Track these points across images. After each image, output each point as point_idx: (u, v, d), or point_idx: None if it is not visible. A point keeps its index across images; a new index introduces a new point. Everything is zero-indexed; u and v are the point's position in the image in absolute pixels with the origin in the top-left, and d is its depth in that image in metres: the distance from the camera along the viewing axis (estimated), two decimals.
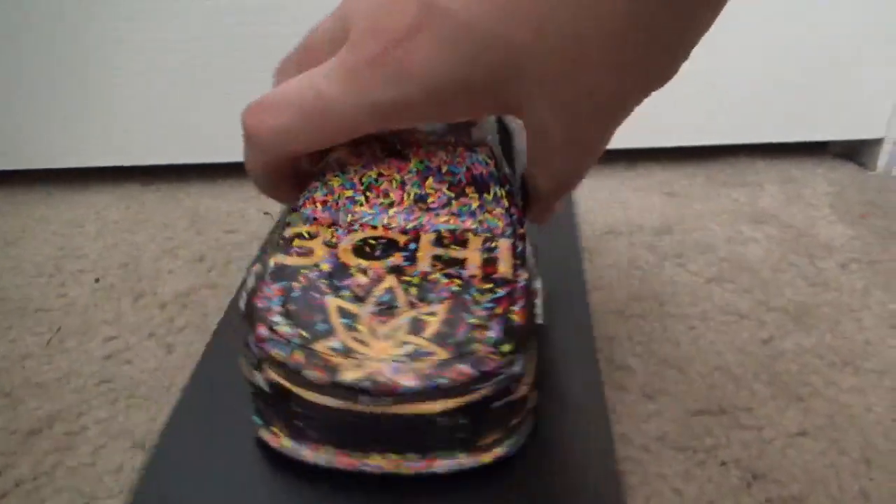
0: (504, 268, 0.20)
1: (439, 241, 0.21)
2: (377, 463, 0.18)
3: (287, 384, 0.17)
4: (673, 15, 0.16)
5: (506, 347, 0.18)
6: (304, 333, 0.17)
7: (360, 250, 0.20)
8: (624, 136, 0.23)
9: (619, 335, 0.36)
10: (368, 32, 0.18)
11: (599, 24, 0.16)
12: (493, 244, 0.21)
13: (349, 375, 0.17)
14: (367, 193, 0.22)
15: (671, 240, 0.47)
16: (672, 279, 0.42)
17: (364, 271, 0.19)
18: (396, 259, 0.20)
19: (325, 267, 0.19)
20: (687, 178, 0.58)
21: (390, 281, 0.19)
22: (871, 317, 0.38)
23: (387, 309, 0.18)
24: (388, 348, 0.17)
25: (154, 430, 0.30)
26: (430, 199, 0.22)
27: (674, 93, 0.22)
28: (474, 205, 0.22)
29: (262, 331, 0.18)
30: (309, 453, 0.19)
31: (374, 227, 0.21)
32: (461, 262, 0.20)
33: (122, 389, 0.32)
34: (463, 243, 0.21)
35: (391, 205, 0.22)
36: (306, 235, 0.20)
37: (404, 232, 0.21)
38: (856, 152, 0.64)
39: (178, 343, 0.36)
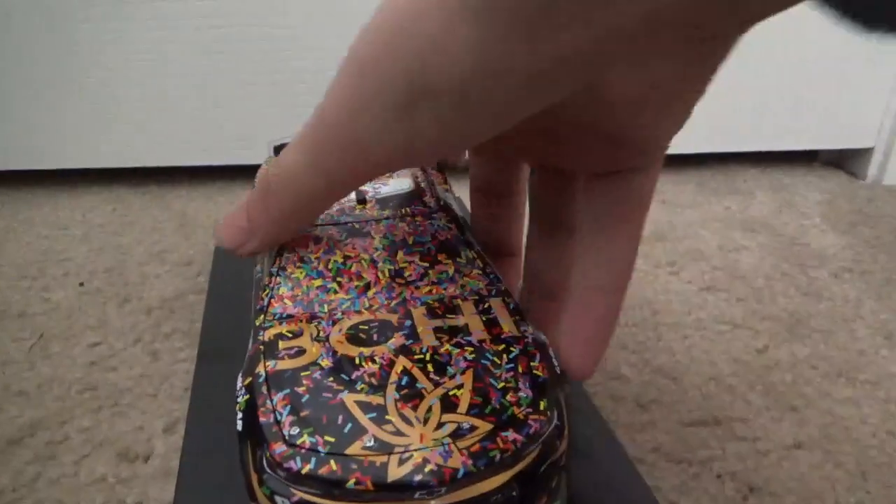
0: (507, 326, 0.19)
1: (431, 312, 0.20)
2: None
3: (325, 502, 0.15)
4: None
5: (542, 404, 0.17)
6: (329, 439, 0.16)
7: (354, 338, 0.19)
8: None
9: (612, 344, 0.36)
10: None
11: None
12: (486, 305, 0.20)
13: (397, 472, 0.15)
14: (339, 279, 0.21)
15: (664, 247, 0.47)
16: (665, 287, 0.42)
17: (371, 359, 0.18)
18: (398, 339, 0.19)
19: (326, 363, 0.18)
20: (678, 185, 0.58)
21: (402, 363, 0.18)
22: (864, 327, 0.38)
23: (411, 392, 0.17)
24: (427, 433, 0.16)
25: (140, 439, 0.29)
26: (406, 273, 0.21)
27: None
28: (451, 271, 0.22)
29: (279, 448, 0.16)
30: None
31: (358, 312, 0.20)
32: (464, 329, 0.19)
33: (106, 397, 0.31)
34: (455, 310, 0.20)
35: (367, 286, 0.21)
36: (289, 335, 0.19)
37: (392, 311, 0.20)
38: (845, 161, 0.64)
39: (164, 350, 0.35)
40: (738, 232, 0.50)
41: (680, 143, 0.66)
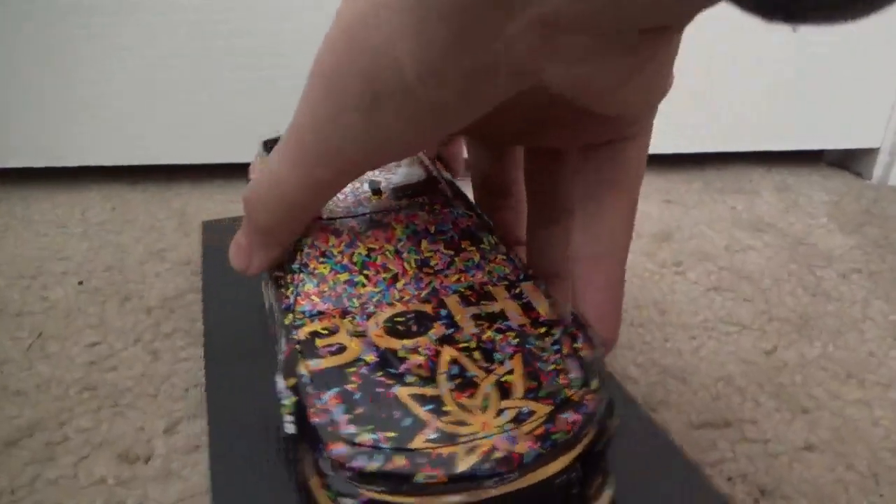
0: (543, 309, 0.19)
1: (465, 300, 0.20)
2: None
3: (396, 498, 0.15)
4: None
5: (594, 384, 0.17)
6: (390, 434, 0.15)
7: (393, 331, 0.18)
8: None
9: (619, 344, 0.36)
10: None
11: None
12: (518, 290, 0.20)
13: (467, 462, 0.15)
14: (365, 272, 0.21)
15: (670, 247, 0.47)
16: (672, 287, 0.42)
17: (415, 350, 0.18)
18: (439, 329, 0.18)
19: (371, 358, 0.18)
20: (684, 184, 0.58)
21: (449, 352, 0.18)
22: (874, 328, 0.38)
23: (464, 381, 0.17)
24: (489, 420, 0.16)
25: (141, 440, 0.28)
26: (432, 262, 0.21)
27: (669, 101, 0.21)
28: (476, 257, 0.21)
29: (340, 448, 0.15)
30: None
31: (391, 305, 0.20)
32: (502, 315, 0.19)
33: (105, 397, 0.31)
34: (488, 296, 0.20)
35: (395, 278, 0.20)
36: (325, 332, 0.19)
37: (424, 301, 0.20)
38: (850, 161, 0.64)
39: (164, 349, 0.34)
40: (744, 232, 0.50)
41: (685, 143, 0.65)
